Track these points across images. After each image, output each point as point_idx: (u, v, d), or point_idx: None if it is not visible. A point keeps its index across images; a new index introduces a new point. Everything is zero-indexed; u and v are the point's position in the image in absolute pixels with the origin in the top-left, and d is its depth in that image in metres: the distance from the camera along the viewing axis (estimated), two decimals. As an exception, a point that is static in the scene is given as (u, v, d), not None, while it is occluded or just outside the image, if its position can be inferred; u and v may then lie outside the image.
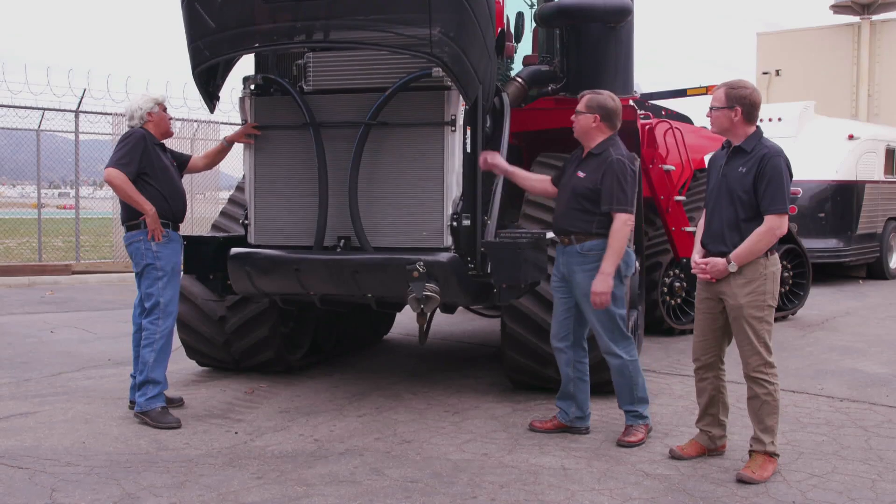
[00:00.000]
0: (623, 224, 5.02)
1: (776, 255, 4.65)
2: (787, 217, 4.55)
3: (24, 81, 14.41)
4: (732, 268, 4.56)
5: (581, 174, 5.21)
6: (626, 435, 5.21)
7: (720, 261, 4.61)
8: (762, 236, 4.51)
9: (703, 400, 4.93)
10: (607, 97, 5.25)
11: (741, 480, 4.51)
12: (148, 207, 5.54)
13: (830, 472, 4.70)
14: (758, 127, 4.69)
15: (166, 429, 5.37)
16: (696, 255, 4.81)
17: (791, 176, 4.60)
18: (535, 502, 4.22)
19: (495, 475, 4.61)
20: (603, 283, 5.00)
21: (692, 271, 4.86)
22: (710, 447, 4.92)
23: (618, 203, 5.02)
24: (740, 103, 4.59)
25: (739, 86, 4.64)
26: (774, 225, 4.50)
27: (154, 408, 5.49)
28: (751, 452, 4.67)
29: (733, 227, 4.61)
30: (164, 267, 5.61)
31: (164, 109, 5.85)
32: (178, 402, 5.90)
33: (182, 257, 5.84)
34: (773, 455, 4.62)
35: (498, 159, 5.42)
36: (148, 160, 5.61)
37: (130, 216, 5.64)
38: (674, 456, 4.92)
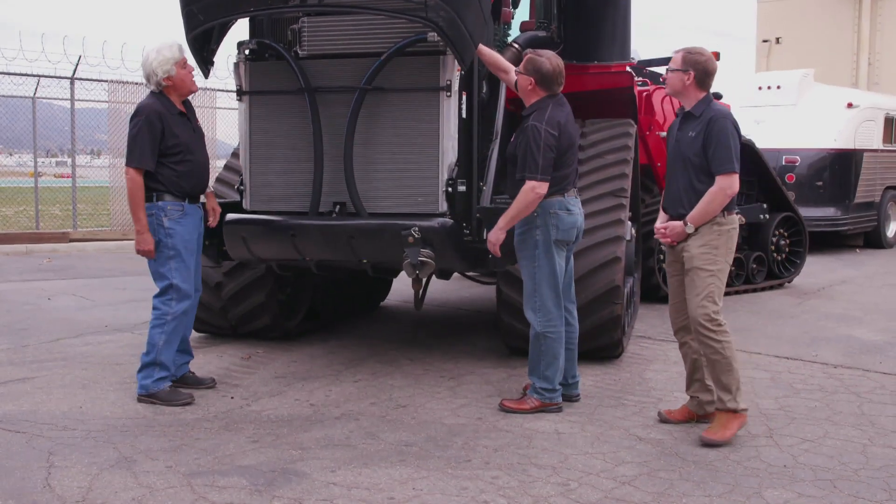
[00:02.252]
0: (530, 190, 4.90)
1: (734, 215, 4.74)
2: (736, 176, 4.61)
3: (19, 48, 14.32)
4: (689, 229, 4.66)
5: (513, 139, 5.22)
6: (513, 399, 5.23)
7: (678, 224, 4.71)
8: (714, 196, 4.59)
9: (687, 365, 4.96)
10: (545, 60, 5.07)
11: (705, 444, 4.53)
12: (144, 234, 5.19)
13: (822, 437, 4.74)
14: (708, 93, 4.78)
15: (181, 406, 5.16)
16: (658, 221, 4.91)
17: (739, 136, 4.71)
18: (528, 466, 4.25)
19: (489, 439, 4.64)
20: (492, 233, 5.06)
21: (655, 236, 4.95)
22: (700, 412, 4.93)
23: (528, 170, 4.92)
24: (694, 68, 4.70)
25: (696, 52, 4.76)
26: (725, 185, 4.58)
27: (162, 388, 5.26)
28: (715, 412, 4.72)
29: (689, 190, 4.71)
30: (175, 245, 5.26)
31: (185, 65, 5.36)
32: (208, 384, 5.61)
33: (200, 233, 5.49)
34: (735, 411, 4.64)
35: None
36: (164, 142, 5.22)
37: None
38: (662, 419, 4.96)
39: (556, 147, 4.97)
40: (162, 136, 5.24)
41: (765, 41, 22.71)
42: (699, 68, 4.70)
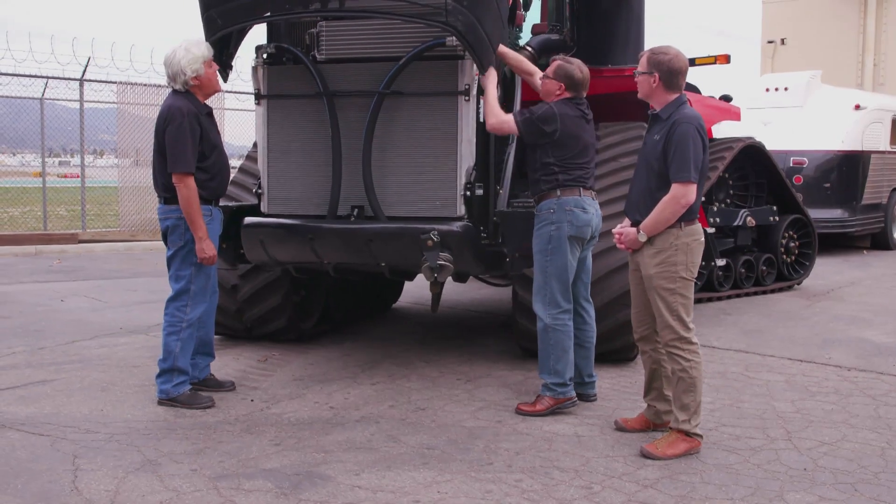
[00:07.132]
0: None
1: (694, 226, 4.52)
2: (693, 186, 4.40)
3: (29, 50, 14.34)
4: (642, 237, 4.50)
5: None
6: (527, 403, 5.26)
7: (632, 230, 4.58)
8: (667, 205, 4.40)
9: (646, 373, 4.85)
10: (576, 68, 5.26)
11: (642, 454, 4.44)
12: (207, 240, 5.18)
13: (840, 440, 4.76)
14: (681, 94, 4.58)
15: (202, 409, 5.17)
16: (619, 225, 4.78)
17: (704, 144, 4.47)
18: (551, 469, 4.28)
19: (510, 442, 4.67)
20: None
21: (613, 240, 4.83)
22: (657, 422, 4.82)
23: None
24: (658, 69, 4.51)
25: (660, 52, 4.56)
26: (679, 193, 4.38)
27: (182, 392, 5.24)
28: (669, 427, 4.61)
29: (646, 196, 4.54)
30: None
31: (212, 64, 5.27)
32: (228, 387, 5.62)
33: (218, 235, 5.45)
34: (689, 434, 4.48)
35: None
36: (201, 144, 5.17)
37: (169, 187, 5.19)
38: (618, 427, 4.88)
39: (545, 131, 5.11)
40: (200, 139, 5.19)
41: (770, 42, 22.74)
42: (663, 69, 4.49)
